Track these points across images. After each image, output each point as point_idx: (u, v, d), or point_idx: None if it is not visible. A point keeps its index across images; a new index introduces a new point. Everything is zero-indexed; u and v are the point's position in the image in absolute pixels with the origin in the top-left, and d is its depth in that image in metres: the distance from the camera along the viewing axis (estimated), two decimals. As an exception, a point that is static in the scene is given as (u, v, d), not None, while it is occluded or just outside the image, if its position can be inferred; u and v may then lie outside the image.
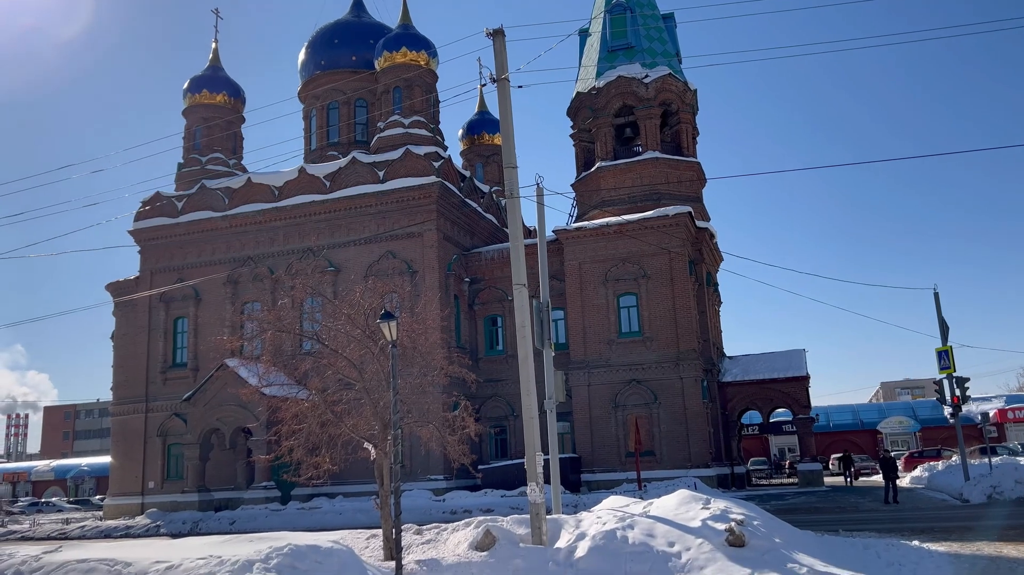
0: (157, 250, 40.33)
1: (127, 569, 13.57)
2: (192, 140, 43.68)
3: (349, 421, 16.03)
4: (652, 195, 37.93)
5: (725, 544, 11.45)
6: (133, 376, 39.75)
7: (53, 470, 78.38)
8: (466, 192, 39.60)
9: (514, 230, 13.82)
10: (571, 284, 35.59)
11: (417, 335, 17.48)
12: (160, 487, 37.70)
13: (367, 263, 35.80)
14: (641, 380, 33.87)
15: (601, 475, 33.10)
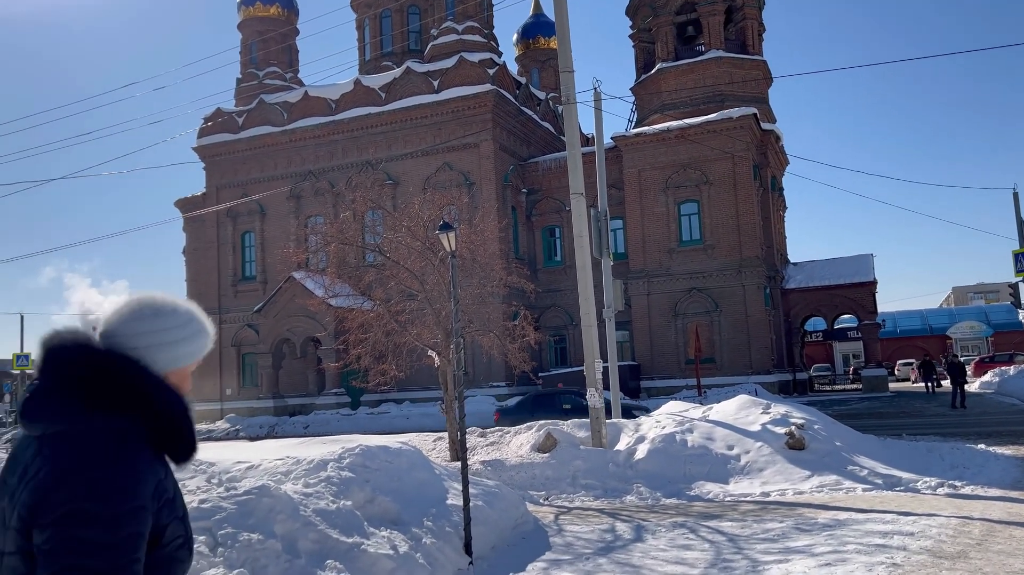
0: (221, 166, 41.09)
1: (211, 468, 14.50)
2: (248, 55, 43.72)
3: (413, 330, 16.46)
4: (715, 97, 36.61)
5: (785, 447, 11.56)
6: (205, 289, 41.29)
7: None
8: (522, 100, 38.91)
9: (571, 138, 13.61)
10: (630, 192, 35.05)
11: (476, 246, 17.63)
12: (237, 394, 39.62)
13: (425, 175, 35.86)
14: (702, 288, 33.61)
15: (660, 382, 33.41)
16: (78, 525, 1.42)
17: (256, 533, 6.01)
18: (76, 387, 1.55)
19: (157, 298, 1.71)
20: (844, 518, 8.52)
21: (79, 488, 1.45)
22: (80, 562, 1.41)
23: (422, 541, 7.02)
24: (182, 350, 1.71)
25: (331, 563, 6.07)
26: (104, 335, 1.65)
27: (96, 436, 1.52)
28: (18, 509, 1.48)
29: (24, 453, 1.56)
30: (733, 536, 8.02)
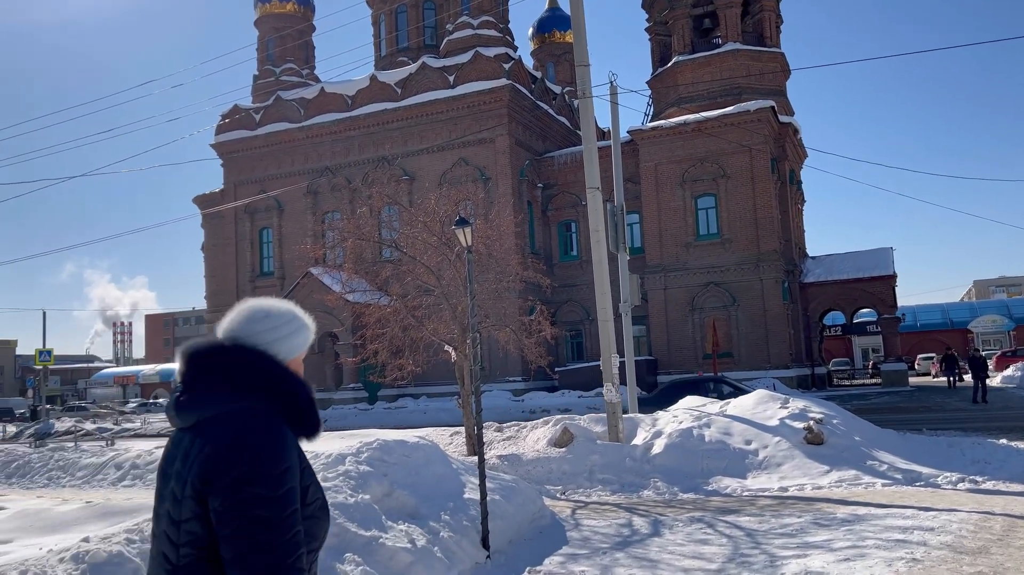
0: (239, 162, 41.35)
1: (231, 462, 14.68)
2: (265, 51, 43.97)
3: (429, 325, 16.52)
4: (732, 90, 36.36)
5: (803, 442, 11.50)
6: (224, 285, 41.63)
7: (158, 374, 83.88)
8: (537, 94, 38.85)
9: (587, 131, 13.58)
10: (647, 186, 34.92)
11: (492, 241, 17.65)
12: (256, 389, 39.92)
13: (440, 171, 35.92)
14: (719, 282, 33.45)
15: (678, 377, 33.29)
16: (246, 485, 1.70)
17: (276, 526, 6.06)
18: (221, 379, 1.86)
19: (263, 303, 2.01)
20: (863, 513, 8.47)
21: (244, 455, 1.73)
22: (252, 515, 1.69)
23: (440, 535, 7.05)
24: (293, 342, 1.97)
25: (350, 556, 6.12)
26: (228, 337, 1.94)
27: (246, 414, 1.81)
28: (191, 481, 1.75)
29: (179, 446, 1.85)
30: (751, 531, 8.00)
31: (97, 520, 8.94)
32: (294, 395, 1.90)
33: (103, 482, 15.22)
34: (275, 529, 1.71)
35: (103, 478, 15.43)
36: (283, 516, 1.72)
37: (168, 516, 1.80)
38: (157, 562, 1.82)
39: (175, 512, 1.79)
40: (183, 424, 1.87)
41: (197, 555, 1.76)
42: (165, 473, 1.87)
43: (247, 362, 1.88)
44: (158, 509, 1.86)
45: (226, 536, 1.71)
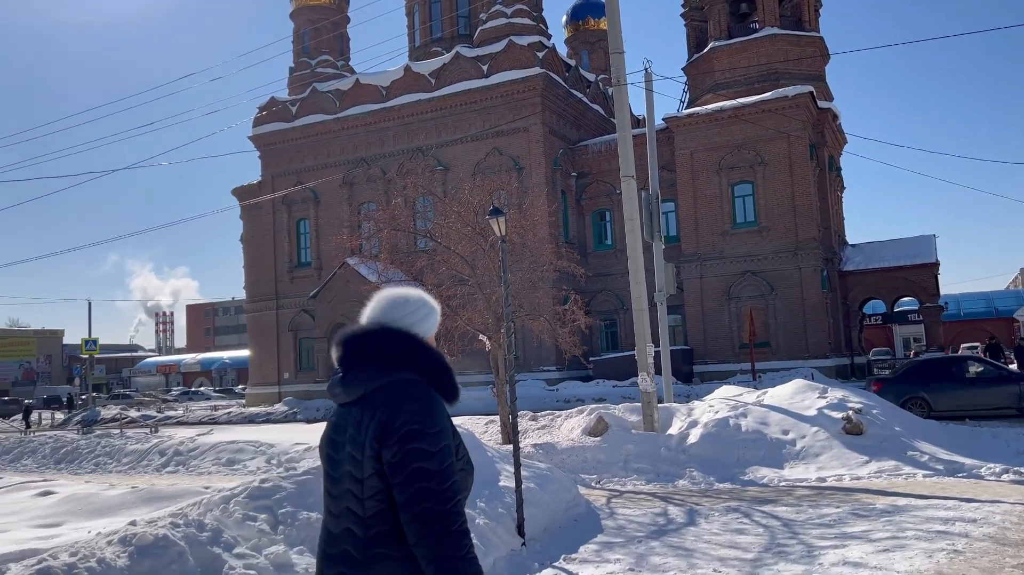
0: (276, 154, 41.83)
1: (271, 449, 14.96)
2: (301, 43, 44.35)
3: (464, 315, 16.61)
4: (770, 75, 35.78)
5: (842, 432, 11.37)
6: (263, 275, 42.24)
7: (199, 363, 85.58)
8: (571, 82, 38.65)
9: (621, 119, 13.49)
10: (682, 174, 34.59)
11: (526, 231, 17.65)
12: (294, 377, 40.55)
13: (474, 161, 35.97)
14: (756, 271, 33.06)
15: (714, 366, 33.04)
16: (414, 440, 2.02)
17: (315, 512, 6.18)
18: (377, 358, 2.18)
19: (400, 291, 2.33)
20: (903, 504, 8.36)
21: (409, 415, 2.05)
22: (419, 465, 2.00)
23: (475, 522, 7.12)
24: (428, 323, 2.30)
25: (387, 542, 6.21)
26: (375, 323, 2.26)
27: (406, 384, 2.14)
28: (369, 442, 2.06)
29: (347, 417, 2.17)
30: (788, 521, 7.94)
31: (142, 505, 9.19)
32: (437, 367, 2.21)
33: (147, 468, 15.62)
34: (435, 478, 2.00)
35: (147, 464, 15.84)
36: (442, 468, 2.02)
37: (350, 476, 2.11)
38: (344, 517, 2.12)
39: (357, 472, 2.09)
40: (348, 399, 2.18)
41: (380, 506, 2.07)
42: (335, 442, 2.18)
43: (397, 342, 2.20)
44: (334, 473, 2.17)
45: (397, 484, 2.02)
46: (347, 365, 2.20)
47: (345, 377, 2.19)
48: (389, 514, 2.06)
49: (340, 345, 2.24)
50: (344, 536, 2.11)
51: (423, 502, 1.99)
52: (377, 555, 2.06)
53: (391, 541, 2.05)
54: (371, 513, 2.07)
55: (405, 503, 2.00)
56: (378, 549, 2.06)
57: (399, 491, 2.01)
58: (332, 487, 2.17)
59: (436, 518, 1.98)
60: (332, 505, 2.17)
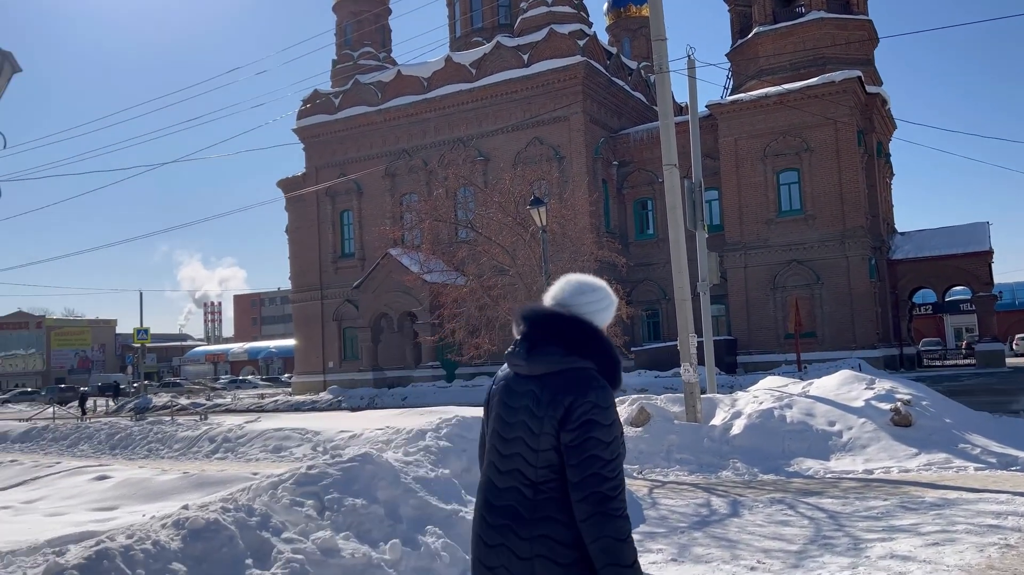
0: (319, 146, 42.35)
1: (316, 437, 15.22)
2: (343, 36, 44.76)
3: (505, 304, 16.69)
4: (816, 60, 35.05)
5: (890, 424, 11.15)
6: (307, 266, 42.89)
7: (247, 352, 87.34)
8: (613, 70, 38.36)
9: (663, 107, 13.36)
10: (726, 162, 34.13)
11: (566, 221, 17.66)
12: (339, 366, 41.14)
13: (515, 151, 35.95)
14: (802, 260, 32.51)
15: (758, 357, 32.63)
16: (592, 429, 2.21)
17: (360, 498, 6.28)
18: (559, 340, 2.32)
19: (586, 279, 2.45)
20: (954, 497, 8.18)
21: (590, 405, 2.22)
22: (594, 453, 2.20)
23: (517, 510, 7.17)
24: (608, 314, 2.43)
25: (431, 529, 6.29)
26: (559, 305, 2.40)
27: (584, 372, 2.29)
28: (548, 421, 2.25)
29: (523, 386, 2.34)
30: (834, 513, 7.84)
31: (194, 490, 9.44)
32: (611, 358, 2.35)
33: (197, 454, 16.02)
34: (607, 466, 2.20)
35: (197, 450, 16.25)
36: (613, 457, 2.22)
37: (523, 442, 2.29)
38: (512, 476, 2.31)
39: (532, 442, 2.28)
40: (530, 372, 2.34)
41: (551, 475, 2.26)
42: (509, 407, 2.36)
43: (580, 329, 2.34)
44: (505, 435, 2.35)
45: (573, 465, 2.21)
46: (531, 342, 2.36)
47: (529, 352, 2.35)
48: (558, 483, 2.25)
49: (526, 321, 2.41)
50: (511, 492, 2.31)
51: (595, 487, 2.18)
52: (543, 517, 2.25)
53: (557, 506, 2.25)
54: (542, 479, 2.27)
55: (578, 484, 2.20)
56: (545, 511, 2.25)
57: (573, 472, 2.21)
58: (501, 446, 2.35)
59: (604, 501, 2.18)
60: (500, 462, 2.35)
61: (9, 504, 9.80)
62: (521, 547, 2.25)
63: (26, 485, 11.78)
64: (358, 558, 5.57)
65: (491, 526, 2.33)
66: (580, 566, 2.23)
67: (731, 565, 6.21)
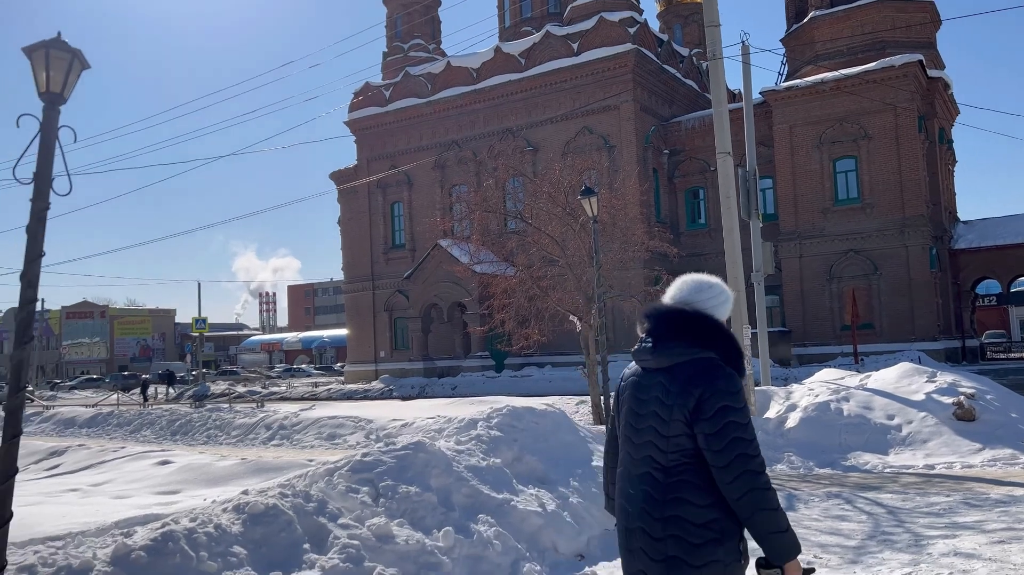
0: (371, 139, 42.79)
1: (369, 425, 15.45)
2: (394, 28, 45.07)
3: (554, 295, 16.65)
4: (875, 45, 34.04)
5: (952, 418, 10.84)
6: (359, 257, 43.46)
7: (300, 341, 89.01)
8: (664, 58, 37.85)
9: (717, 94, 13.15)
10: (780, 150, 33.43)
11: (616, 211, 17.50)
12: (390, 356, 41.65)
13: (564, 140, 35.78)
14: (859, 250, 31.71)
15: (813, 349, 31.99)
16: (728, 415, 2.37)
17: (413, 486, 6.36)
18: (683, 334, 2.49)
19: (702, 277, 2.64)
20: (1020, 494, 7.92)
21: (722, 393, 2.40)
22: (736, 436, 2.36)
23: (569, 500, 7.18)
24: (726, 308, 2.61)
25: (483, 517, 6.34)
26: (679, 302, 2.57)
27: (711, 362, 2.46)
28: (678, 408, 2.41)
29: (650, 380, 2.53)
30: (893, 509, 7.65)
31: (252, 475, 9.68)
32: (733, 348, 2.51)
33: (254, 441, 16.42)
34: (749, 446, 2.37)
35: (254, 437, 16.65)
36: (752, 437, 2.39)
37: (654, 430, 2.48)
38: (644, 462, 2.49)
39: (662, 429, 2.45)
40: (656, 366, 2.52)
41: (682, 459, 2.43)
42: (639, 399, 2.55)
43: (703, 323, 2.51)
44: (636, 424, 2.54)
45: (716, 450, 2.36)
46: (656, 337, 2.53)
47: (655, 347, 2.52)
48: (689, 467, 2.43)
49: (650, 318, 2.59)
50: (644, 478, 2.48)
51: (742, 466, 2.34)
52: (675, 498, 2.41)
53: (689, 489, 2.41)
54: (672, 463, 2.44)
55: (726, 467, 2.36)
56: (677, 493, 2.42)
57: (719, 457, 2.36)
58: (635, 436, 2.55)
59: (754, 478, 2.35)
60: (633, 451, 2.54)
61: (78, 487, 10.20)
62: (655, 527, 2.42)
63: (93, 468, 12.24)
64: (412, 545, 5.65)
65: (630, 512, 2.50)
66: (710, 546, 2.38)
67: (786, 559, 6.11)
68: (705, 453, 2.39)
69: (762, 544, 2.39)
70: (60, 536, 5.63)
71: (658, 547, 2.41)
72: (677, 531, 2.39)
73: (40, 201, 3.47)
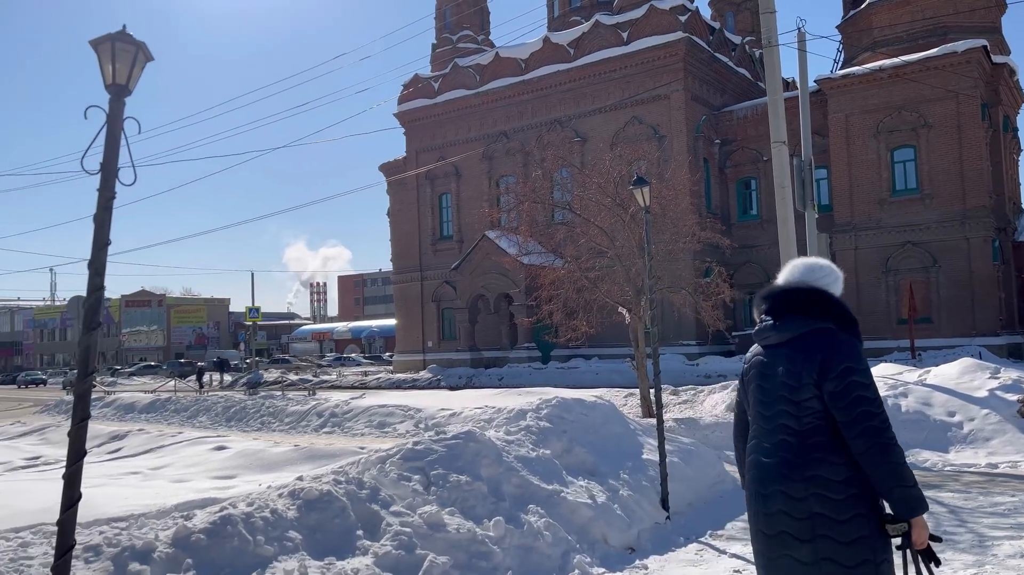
0: (419, 130, 43.04)
1: (419, 414, 15.59)
2: (443, 20, 45.18)
3: (603, 287, 16.54)
4: (936, 30, 32.95)
5: (1017, 416, 10.48)
6: (408, 248, 43.83)
7: (350, 331, 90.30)
8: (715, 46, 37.22)
9: (772, 82, 12.87)
10: (835, 139, 32.64)
11: (667, 201, 17.28)
12: (437, 346, 41.97)
13: (613, 130, 35.47)
14: (917, 242, 30.82)
15: (868, 343, 30.62)
16: (851, 375, 2.56)
17: (464, 475, 6.40)
18: (800, 309, 2.72)
19: (811, 259, 2.87)
20: (1091, 497, 7.62)
21: (844, 355, 2.60)
22: (859, 394, 2.54)
23: (619, 493, 7.14)
24: (839, 285, 2.84)
25: (533, 507, 6.34)
26: (796, 282, 2.79)
27: (829, 330, 2.68)
28: (807, 375, 2.61)
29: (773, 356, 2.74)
30: (955, 508, 7.43)
31: (305, 462, 9.85)
32: (849, 318, 2.72)
33: (306, 428, 16.71)
34: (872, 403, 2.54)
35: (306, 424, 16.95)
36: (875, 395, 2.56)
37: (785, 399, 2.66)
38: (778, 431, 2.66)
39: (793, 395, 2.64)
40: (779, 340, 2.73)
41: (815, 422, 2.60)
42: (765, 375, 2.75)
43: (820, 297, 2.74)
44: (765, 399, 2.73)
45: (841, 408, 2.55)
46: (776, 314, 2.76)
47: (776, 324, 2.74)
48: (823, 428, 2.59)
49: (768, 299, 2.82)
50: (779, 446, 2.65)
51: (866, 422, 2.51)
52: (814, 459, 2.57)
53: (826, 449, 2.57)
54: (806, 427, 2.61)
55: (850, 422, 2.53)
56: (814, 454, 2.57)
57: (843, 414, 2.54)
58: (765, 410, 2.73)
59: (877, 433, 2.50)
60: (765, 423, 2.72)
61: (138, 470, 10.50)
62: (796, 488, 2.56)
63: (153, 452, 12.59)
64: (463, 533, 5.68)
65: (765, 478, 2.65)
66: (852, 502, 2.52)
67: (843, 557, 5.98)
68: (832, 411, 2.56)
69: (888, 499, 2.51)
70: (123, 517, 5.81)
71: (800, 506, 2.55)
72: (818, 489, 2.53)
73: (107, 191, 3.56)
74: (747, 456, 2.80)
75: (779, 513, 2.60)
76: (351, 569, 4.99)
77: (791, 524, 2.57)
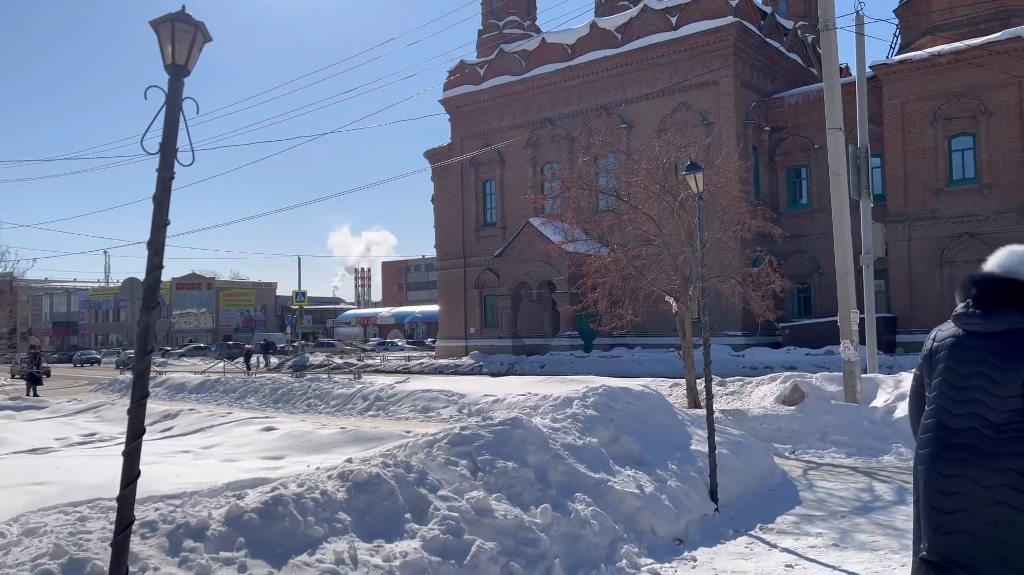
0: (464, 117, 43.05)
1: (462, 399, 15.64)
2: (489, 6, 45.02)
3: (649, 275, 16.34)
4: (999, 14, 31.77)
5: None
6: (451, 235, 43.97)
7: (393, 316, 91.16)
8: (766, 31, 36.43)
9: (829, 67, 12.53)
10: (890, 127, 31.74)
11: (717, 189, 16.96)
12: (480, 332, 42.11)
13: (660, 117, 34.99)
14: (975, 233, 29.87)
15: (920, 336, 30.29)
16: None
17: (511, 461, 6.37)
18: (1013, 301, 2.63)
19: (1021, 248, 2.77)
20: None
21: None
22: None
23: (667, 483, 7.05)
24: None
25: (580, 496, 6.29)
26: (1008, 272, 2.70)
27: None
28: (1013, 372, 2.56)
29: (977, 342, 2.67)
30: (1017, 508, 7.18)
31: (351, 444, 9.94)
32: None
33: (352, 411, 16.89)
34: None
35: (352, 407, 17.13)
36: None
37: (982, 390, 2.62)
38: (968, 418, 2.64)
39: (995, 390, 2.60)
40: (986, 330, 2.66)
41: (1013, 418, 2.57)
42: (961, 359, 2.70)
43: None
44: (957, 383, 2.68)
45: None
46: (985, 304, 2.69)
47: (987, 313, 2.67)
48: (1020, 424, 2.56)
49: (978, 285, 2.75)
50: (968, 432, 2.62)
51: None
52: (1008, 452, 2.55)
53: (1019, 443, 2.54)
54: (1004, 422, 2.57)
55: None
56: (1009, 448, 2.55)
57: None
58: (954, 394, 2.69)
59: None
60: (952, 407, 2.68)
61: (190, 448, 10.72)
62: (984, 477, 2.57)
63: (203, 432, 12.85)
64: (510, 519, 5.65)
65: (948, 459, 2.65)
66: None
67: (900, 555, 5.82)
68: None
69: None
70: (176, 495, 5.91)
71: (988, 493, 2.56)
72: (1009, 481, 2.54)
73: (166, 171, 3.58)
74: (922, 433, 2.79)
75: (960, 494, 2.62)
76: (399, 552, 5.00)
77: (970, 505, 2.60)
